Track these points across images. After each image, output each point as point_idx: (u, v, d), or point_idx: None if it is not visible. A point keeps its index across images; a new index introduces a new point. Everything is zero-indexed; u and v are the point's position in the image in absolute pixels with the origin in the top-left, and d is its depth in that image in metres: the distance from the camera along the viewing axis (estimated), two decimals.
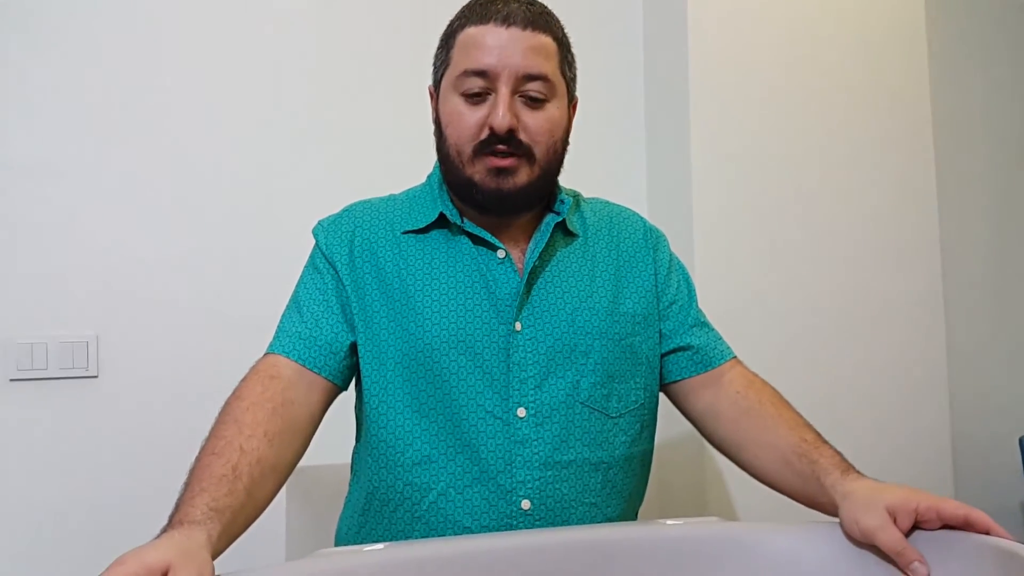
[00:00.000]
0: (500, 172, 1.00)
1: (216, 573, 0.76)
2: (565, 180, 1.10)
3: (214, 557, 0.78)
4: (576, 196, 1.17)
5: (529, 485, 0.99)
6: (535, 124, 0.99)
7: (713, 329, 1.15)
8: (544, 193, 1.06)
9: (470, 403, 1.00)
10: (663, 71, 1.78)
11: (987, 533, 0.80)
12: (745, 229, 1.65)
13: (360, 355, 1.04)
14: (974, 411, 1.90)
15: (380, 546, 0.86)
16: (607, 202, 1.20)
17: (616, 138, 1.84)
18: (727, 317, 1.60)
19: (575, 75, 1.06)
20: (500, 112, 0.97)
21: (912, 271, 1.72)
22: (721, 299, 1.61)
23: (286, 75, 1.70)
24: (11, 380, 1.54)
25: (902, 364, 1.70)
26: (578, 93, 1.09)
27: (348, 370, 1.05)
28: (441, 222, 1.07)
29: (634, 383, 1.07)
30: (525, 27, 0.98)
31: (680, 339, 1.11)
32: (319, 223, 1.11)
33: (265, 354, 1.03)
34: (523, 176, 1.00)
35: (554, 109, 1.01)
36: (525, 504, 0.98)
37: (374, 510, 1.05)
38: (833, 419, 1.63)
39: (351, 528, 1.09)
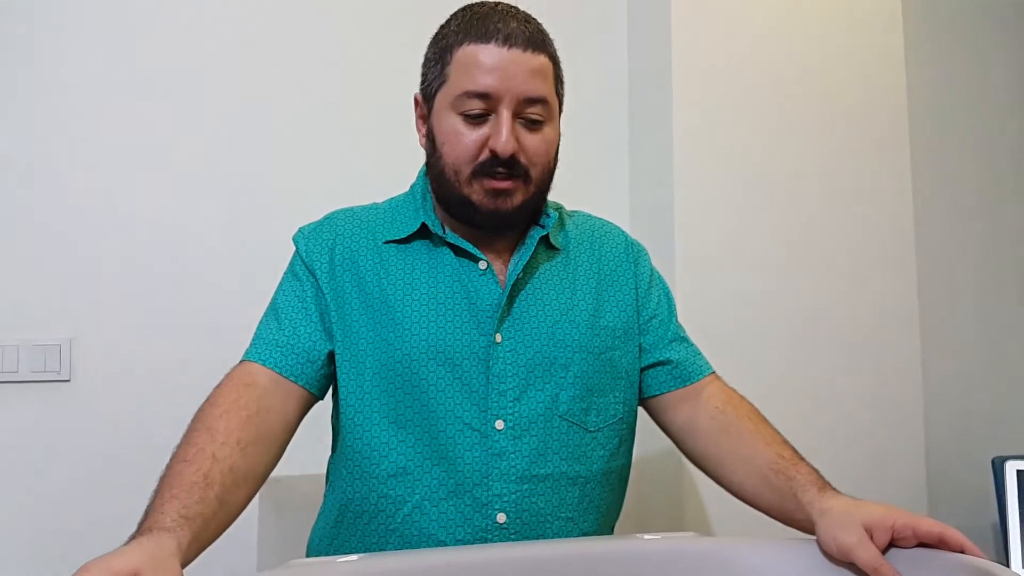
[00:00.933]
0: (499, 193, 1.00)
1: None
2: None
3: (184, 565, 0.76)
4: (559, 209, 1.17)
5: (505, 498, 0.98)
6: (534, 147, 1.00)
7: (692, 344, 1.15)
8: (536, 210, 1.07)
9: (448, 415, 0.99)
10: (646, 77, 1.79)
11: (961, 551, 0.80)
12: (725, 239, 1.65)
13: (338, 364, 1.03)
14: (948, 430, 1.91)
15: (354, 557, 0.85)
16: (589, 215, 1.20)
17: (598, 146, 1.84)
18: (703, 331, 1.61)
19: (564, 87, 1.07)
20: (503, 137, 0.97)
21: (887, 287, 1.74)
22: (699, 310, 1.61)
23: (271, 81, 1.69)
24: None
25: (876, 382, 1.71)
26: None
27: (325, 379, 1.04)
28: (423, 232, 1.06)
29: (613, 397, 1.07)
30: (526, 48, 0.98)
31: (659, 353, 1.11)
32: (300, 230, 1.10)
33: (241, 361, 1.02)
34: (519, 196, 1.01)
35: (550, 130, 1.02)
36: (501, 517, 0.98)
37: (347, 521, 1.04)
38: (807, 436, 1.61)
39: (323, 539, 1.08)
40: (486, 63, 0.97)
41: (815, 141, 1.72)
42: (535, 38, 1.00)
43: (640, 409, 1.14)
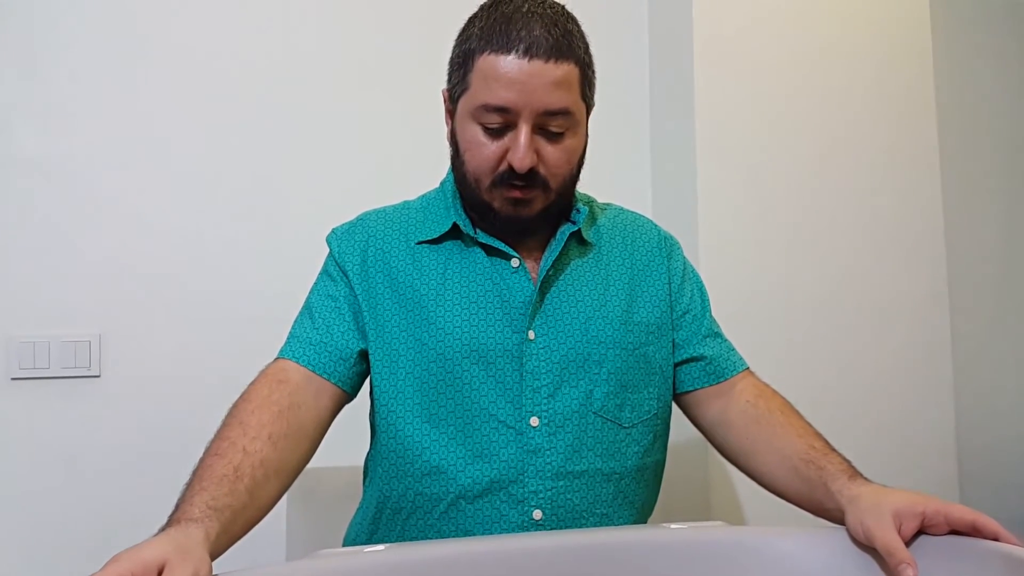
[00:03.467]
0: (518, 202, 1.00)
1: (215, 573, 0.76)
2: None
3: (213, 557, 0.77)
4: (591, 203, 1.16)
5: (541, 495, 0.98)
6: (554, 158, 0.99)
7: (726, 340, 1.15)
8: (560, 211, 1.06)
9: (483, 412, 1.00)
10: (668, 66, 1.77)
11: (995, 539, 0.79)
12: (748, 230, 1.64)
13: (372, 364, 1.04)
14: (980, 414, 1.88)
15: (381, 547, 0.86)
16: (621, 209, 1.19)
17: (620, 139, 1.83)
18: (729, 319, 1.60)
19: (593, 89, 1.03)
20: (520, 153, 0.96)
21: (917, 270, 1.71)
22: (724, 300, 1.59)
23: (296, 73, 1.70)
24: (12, 379, 1.54)
25: (906, 366, 1.69)
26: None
27: (358, 377, 1.05)
28: (455, 231, 1.06)
29: (647, 393, 1.06)
30: (548, 58, 0.94)
31: (693, 349, 1.11)
32: (333, 231, 1.11)
33: (275, 359, 1.03)
34: (539, 203, 1.01)
35: (573, 140, 1.00)
36: (537, 514, 0.98)
37: (386, 518, 1.05)
38: (836, 422, 1.61)
39: (361, 534, 1.09)
40: (505, 76, 0.94)
41: (838, 132, 1.69)
42: (560, 45, 0.95)
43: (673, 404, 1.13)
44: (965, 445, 1.75)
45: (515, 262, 1.04)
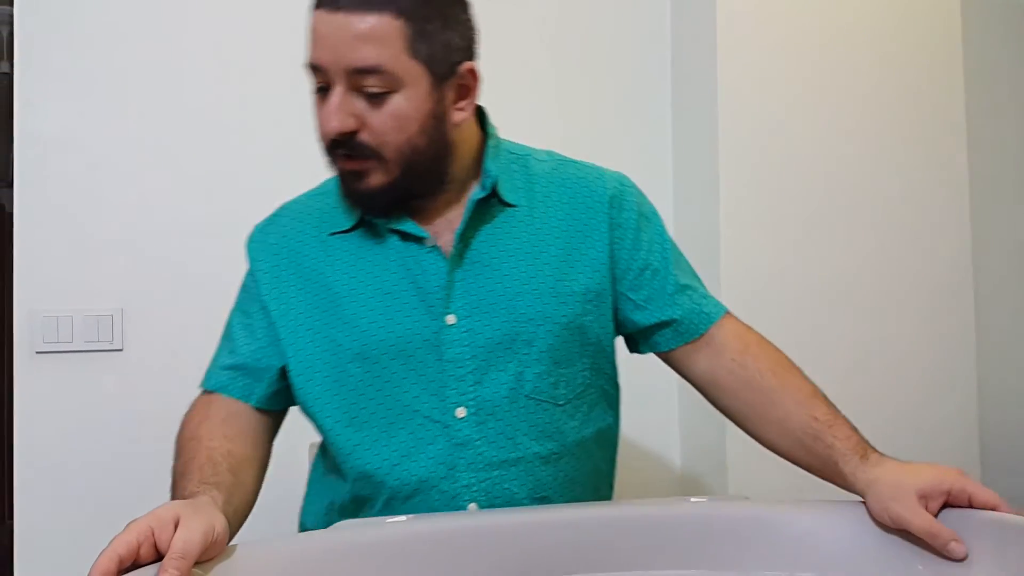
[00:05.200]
0: (351, 175, 0.92)
1: (236, 542, 0.77)
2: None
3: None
4: (526, 156, 1.04)
5: (475, 488, 0.94)
6: (378, 123, 0.88)
7: (695, 289, 1.05)
8: (429, 183, 0.95)
9: (406, 410, 0.94)
10: (690, 52, 1.75)
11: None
12: (770, 210, 1.63)
13: (290, 374, 0.99)
14: (1003, 397, 1.86)
15: (402, 518, 0.87)
16: (565, 160, 1.06)
17: (641, 126, 1.81)
18: (751, 298, 1.59)
19: (449, 44, 0.90)
20: (325, 116, 0.88)
21: (940, 251, 1.70)
22: (745, 281, 1.59)
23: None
24: (37, 353, 1.56)
25: (929, 348, 1.68)
26: (602, 77, 1.04)
27: (280, 394, 1.01)
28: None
29: (581, 365, 0.99)
30: (355, 8, 0.84)
31: (661, 312, 1.02)
32: (253, 230, 1.06)
33: (200, 393, 1.02)
34: (377, 178, 0.91)
35: (402, 101, 0.88)
36: (472, 508, 0.94)
37: (335, 516, 1.01)
38: (857, 405, 1.61)
39: (318, 526, 1.06)
40: (315, 31, 0.87)
41: (863, 113, 1.67)
42: None
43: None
44: (988, 433, 1.74)
45: (429, 242, 0.96)
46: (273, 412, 1.02)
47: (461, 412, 0.94)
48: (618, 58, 1.78)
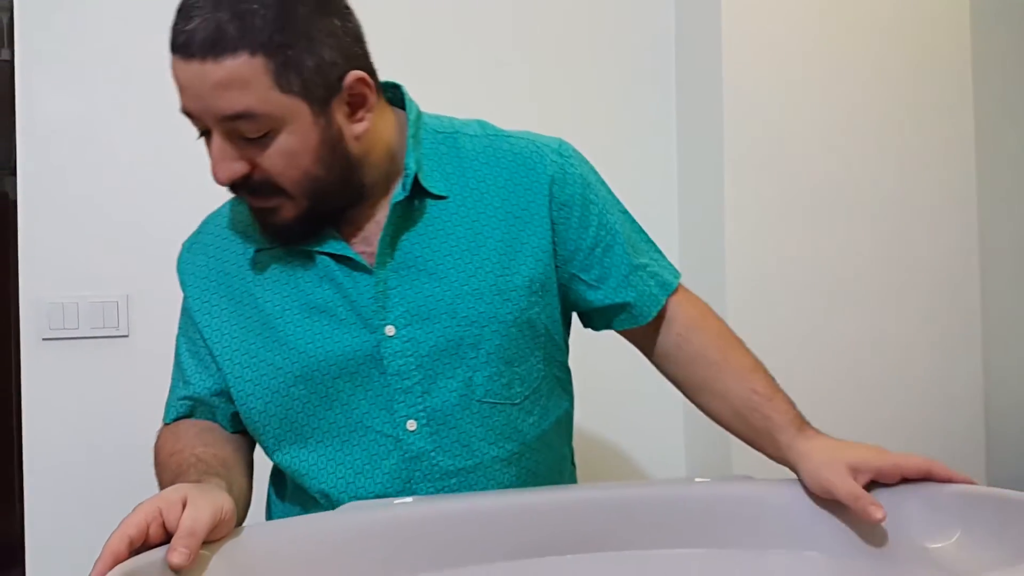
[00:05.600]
0: (260, 212, 0.88)
1: (245, 525, 0.78)
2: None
3: None
4: (454, 135, 0.97)
5: None
6: (268, 164, 0.84)
7: (647, 265, 1.00)
8: (345, 200, 0.90)
9: (358, 427, 0.91)
10: (695, 48, 1.74)
11: (948, 482, 0.82)
12: (776, 189, 1.62)
13: (235, 400, 0.94)
14: (1009, 379, 1.86)
15: (409, 500, 0.87)
16: (498, 134, 0.99)
17: (645, 120, 1.79)
18: (756, 282, 1.59)
19: (321, 64, 0.82)
20: (212, 165, 0.84)
21: (946, 229, 1.69)
22: (750, 264, 1.59)
23: None
24: (43, 339, 1.56)
25: (934, 330, 1.67)
26: (606, 74, 1.00)
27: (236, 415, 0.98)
28: None
29: (534, 359, 0.96)
30: (205, 57, 0.78)
31: (615, 295, 0.98)
32: (181, 249, 1.01)
33: (161, 428, 0.98)
34: (289, 211, 0.87)
35: (286, 138, 0.83)
36: None
37: None
38: (861, 389, 1.62)
39: None
40: (177, 79, 0.82)
41: (869, 95, 1.66)
42: (218, 38, 0.78)
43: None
44: (993, 420, 1.74)
45: (359, 250, 0.91)
46: (238, 435, 0.99)
47: (412, 425, 0.90)
48: (622, 55, 1.77)
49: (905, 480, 0.84)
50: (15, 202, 1.57)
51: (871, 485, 0.84)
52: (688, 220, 1.76)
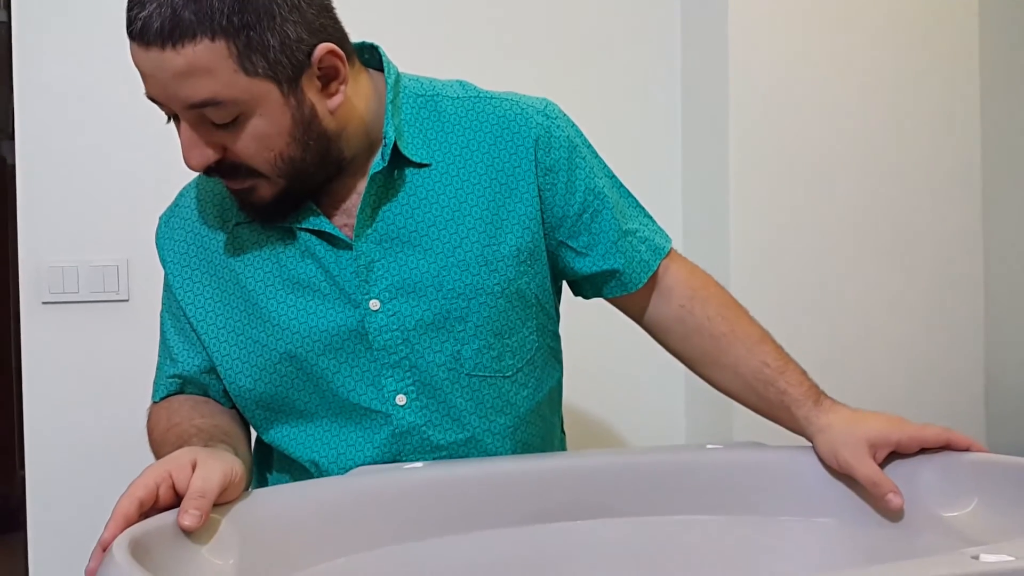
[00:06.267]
0: (238, 193, 0.86)
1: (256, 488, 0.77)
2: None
3: None
4: (435, 97, 0.93)
5: None
6: (240, 148, 0.81)
7: (637, 231, 0.97)
8: (323, 174, 0.87)
9: (346, 404, 0.89)
10: (701, 40, 1.71)
11: (967, 451, 0.82)
12: (780, 161, 1.61)
13: (222, 376, 0.93)
14: (1010, 357, 1.86)
15: (419, 465, 0.87)
16: (480, 96, 0.94)
17: (650, 112, 1.77)
18: (757, 254, 1.58)
19: (286, 41, 0.79)
20: (183, 151, 0.82)
21: (949, 204, 1.68)
22: (751, 236, 1.58)
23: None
24: (43, 303, 1.55)
25: (936, 306, 1.67)
26: (610, 69, 0.97)
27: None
28: None
29: (526, 330, 0.93)
30: (164, 45, 0.75)
31: (603, 261, 0.95)
32: (159, 222, 0.98)
33: (151, 407, 0.96)
34: (266, 190, 0.84)
35: (257, 122, 0.80)
36: None
37: None
38: (862, 365, 1.61)
39: None
40: (138, 66, 0.79)
41: (876, 58, 1.64)
42: (178, 21, 0.74)
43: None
44: (993, 388, 1.74)
45: (339, 223, 0.89)
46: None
47: (401, 399, 0.88)
48: (627, 50, 1.74)
49: (923, 450, 0.83)
50: (13, 166, 1.55)
51: (889, 455, 0.83)
52: (691, 192, 1.75)
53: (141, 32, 0.76)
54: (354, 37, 0.91)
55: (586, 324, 1.29)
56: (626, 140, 1.73)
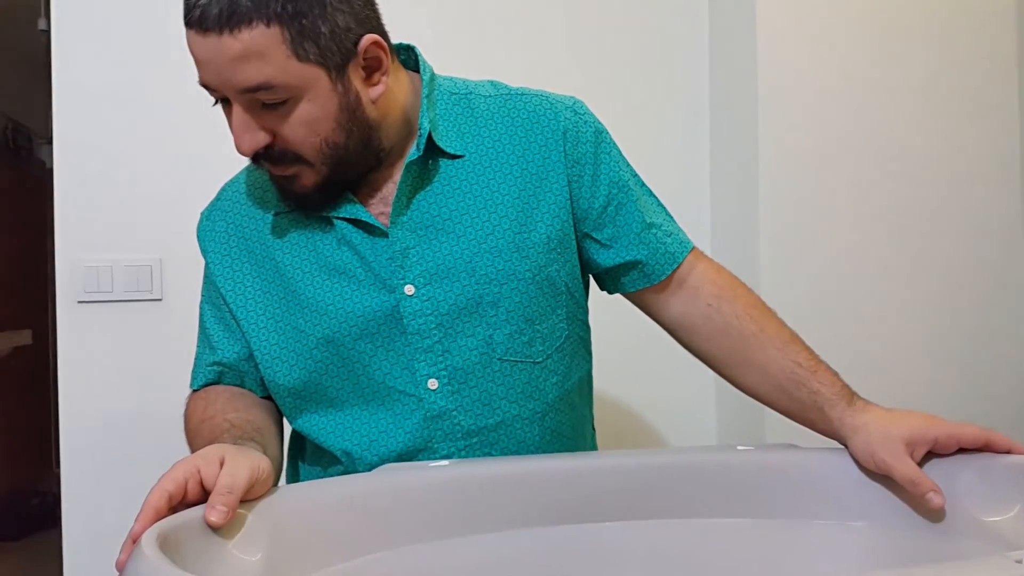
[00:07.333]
0: (281, 179, 0.89)
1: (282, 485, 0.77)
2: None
3: None
4: (469, 94, 0.96)
5: (455, 457, 0.91)
6: (288, 132, 0.84)
7: (661, 225, 0.99)
8: (364, 164, 0.90)
9: (380, 387, 0.91)
10: (729, 44, 1.70)
11: (1008, 453, 0.80)
12: (811, 165, 1.58)
13: (258, 363, 0.95)
14: None
15: (445, 463, 0.87)
16: (511, 93, 0.98)
17: (679, 116, 1.76)
18: (788, 258, 1.56)
19: (336, 30, 0.82)
20: (234, 135, 0.84)
21: (989, 204, 1.64)
22: (781, 239, 1.56)
23: None
24: (78, 302, 1.57)
25: (978, 309, 1.64)
26: (639, 72, 0.98)
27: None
28: None
29: (556, 317, 0.95)
30: (222, 30, 0.78)
31: (627, 252, 0.97)
32: (200, 217, 1.02)
33: (190, 393, 0.99)
34: (309, 178, 0.88)
35: (306, 106, 0.83)
36: None
37: None
38: (899, 370, 1.58)
39: None
40: (193, 53, 0.81)
41: (913, 52, 1.62)
42: (235, 8, 0.77)
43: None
44: None
45: (375, 212, 0.92)
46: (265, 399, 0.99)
47: (433, 384, 0.90)
48: (655, 52, 1.74)
49: (961, 450, 0.81)
50: (51, 170, 1.58)
51: (926, 455, 0.82)
52: (720, 194, 1.73)
53: (200, 19, 0.78)
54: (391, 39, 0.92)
55: (618, 324, 1.28)
56: (654, 142, 1.72)
